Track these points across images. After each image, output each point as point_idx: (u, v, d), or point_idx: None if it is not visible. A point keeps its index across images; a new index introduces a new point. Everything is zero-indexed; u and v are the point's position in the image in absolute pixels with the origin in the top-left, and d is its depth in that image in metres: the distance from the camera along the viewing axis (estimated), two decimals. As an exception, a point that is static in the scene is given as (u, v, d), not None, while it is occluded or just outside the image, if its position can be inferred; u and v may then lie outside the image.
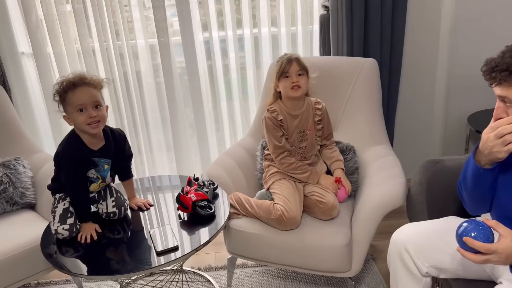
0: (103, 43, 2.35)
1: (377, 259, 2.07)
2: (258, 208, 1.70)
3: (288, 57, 1.77)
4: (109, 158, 1.58)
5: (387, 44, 2.31)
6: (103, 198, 1.62)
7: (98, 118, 1.45)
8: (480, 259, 1.06)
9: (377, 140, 2.00)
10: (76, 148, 1.50)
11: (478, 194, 1.27)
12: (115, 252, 1.43)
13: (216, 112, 2.59)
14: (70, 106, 1.43)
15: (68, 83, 1.43)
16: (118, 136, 1.62)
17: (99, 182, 1.60)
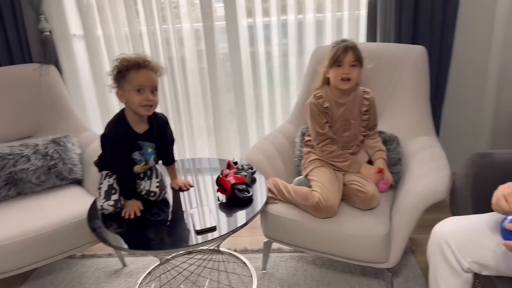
0: (150, 27, 2.41)
1: (416, 252, 2.02)
2: (295, 194, 1.69)
3: (344, 45, 1.69)
4: (153, 142, 1.63)
5: (437, 31, 2.21)
6: (148, 177, 1.67)
7: (152, 102, 1.51)
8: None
9: (422, 131, 1.93)
10: (122, 131, 1.55)
11: None
12: (156, 230, 1.48)
13: (257, 98, 2.60)
14: (130, 84, 1.48)
15: (134, 62, 1.47)
16: (161, 121, 1.66)
17: (142, 164, 1.65)
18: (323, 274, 1.93)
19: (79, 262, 2.16)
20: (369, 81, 2.00)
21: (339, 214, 1.67)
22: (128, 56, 1.49)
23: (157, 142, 1.65)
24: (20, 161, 1.97)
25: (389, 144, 1.88)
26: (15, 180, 1.96)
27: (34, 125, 2.27)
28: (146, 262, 2.11)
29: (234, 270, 1.99)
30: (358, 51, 1.70)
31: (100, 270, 2.08)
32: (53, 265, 2.16)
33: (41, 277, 2.07)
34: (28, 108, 2.24)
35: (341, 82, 1.71)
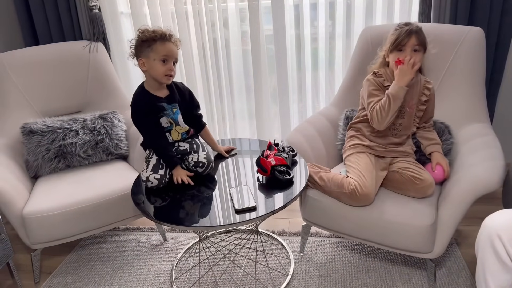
0: (196, 6, 2.40)
1: (461, 244, 1.93)
2: (329, 182, 1.65)
3: (408, 29, 1.61)
4: (176, 103, 1.68)
5: (496, 12, 2.06)
6: (195, 150, 1.70)
7: (173, 72, 1.62)
8: None
9: (476, 118, 1.83)
10: (142, 98, 1.64)
11: None
12: (197, 207, 1.50)
13: (300, 82, 2.55)
14: (156, 53, 1.56)
15: (161, 34, 1.57)
16: (181, 86, 1.74)
17: (175, 127, 1.69)
18: (362, 261, 1.89)
19: (122, 235, 2.24)
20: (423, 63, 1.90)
21: (382, 201, 1.62)
22: (151, 28, 1.59)
23: (182, 106, 1.71)
24: (69, 135, 2.05)
25: (441, 135, 1.79)
26: (64, 153, 2.04)
27: (82, 101, 2.34)
28: (186, 238, 2.16)
29: (272, 251, 1.99)
30: (422, 34, 1.62)
31: (141, 244, 2.15)
32: (97, 236, 2.25)
33: (86, 247, 2.17)
34: (77, 84, 2.32)
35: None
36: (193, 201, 1.53)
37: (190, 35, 2.50)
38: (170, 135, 1.71)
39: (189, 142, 1.74)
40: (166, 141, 1.70)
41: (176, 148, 1.72)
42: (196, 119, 1.81)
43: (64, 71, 2.30)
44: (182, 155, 1.71)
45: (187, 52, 2.52)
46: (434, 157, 1.70)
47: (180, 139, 1.74)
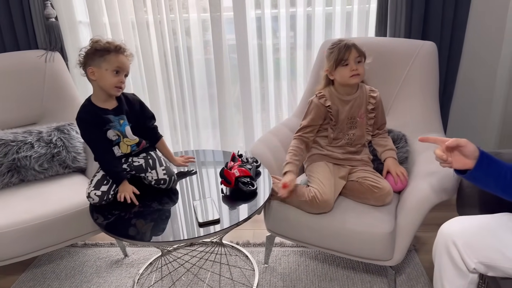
0: (157, 16, 2.38)
1: (420, 250, 2.00)
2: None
3: (345, 44, 1.68)
4: (123, 114, 1.65)
5: (448, 27, 2.18)
6: (151, 167, 1.66)
7: (124, 85, 1.60)
8: None
9: (431, 128, 1.91)
10: (87, 111, 1.60)
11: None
12: (158, 220, 1.47)
13: (263, 91, 2.57)
14: (109, 64, 1.54)
15: (115, 46, 1.56)
16: (131, 98, 1.71)
17: (123, 139, 1.65)
18: (325, 269, 1.92)
19: (80, 251, 2.16)
20: (378, 77, 1.97)
21: (344, 210, 1.65)
22: (105, 39, 1.58)
23: (132, 118, 1.68)
24: (23, 148, 1.96)
25: (398, 143, 1.85)
26: (18, 167, 1.95)
27: (38, 112, 2.25)
28: (147, 253, 2.10)
29: (236, 264, 1.98)
30: (359, 47, 1.70)
31: (101, 260, 2.08)
32: (54, 253, 2.15)
33: (42, 265, 2.07)
34: (33, 94, 2.23)
35: (351, 79, 1.69)
36: (154, 215, 1.50)
37: (151, 44, 2.47)
38: (119, 148, 1.66)
39: (144, 157, 1.70)
40: (112, 155, 1.65)
41: (130, 164, 1.68)
42: (151, 131, 1.78)
43: (18, 81, 2.20)
44: (137, 171, 1.68)
45: (148, 61, 2.49)
46: (386, 165, 1.76)
47: (130, 152, 1.69)
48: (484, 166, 1.21)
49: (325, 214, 1.63)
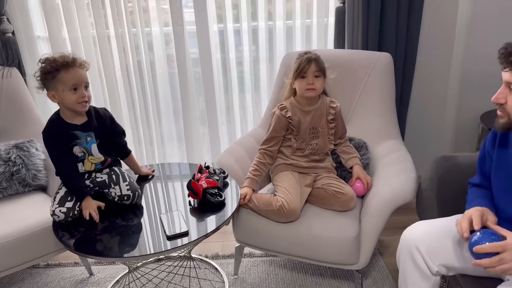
0: (118, 30, 2.36)
1: (384, 253, 2.07)
2: (257, 201, 1.71)
3: (307, 57, 1.75)
4: (91, 131, 1.61)
5: (402, 39, 2.29)
6: (115, 182, 1.63)
7: (87, 98, 1.54)
8: (495, 260, 1.06)
9: (389, 135, 1.99)
10: (55, 125, 1.56)
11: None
12: (124, 236, 1.44)
13: (228, 104, 2.60)
14: (63, 84, 1.48)
15: (62, 62, 1.48)
16: (102, 113, 1.67)
17: (88, 157, 1.62)
18: (294, 277, 1.94)
19: (43, 272, 2.08)
20: (338, 87, 2.04)
21: (310, 217, 1.69)
22: (52, 56, 1.50)
23: (101, 134, 1.65)
24: (-20, 167, 1.88)
25: (359, 150, 1.92)
26: (-26, 187, 1.86)
27: (-5, 130, 2.17)
28: (114, 270, 2.05)
29: (206, 276, 1.97)
30: (320, 62, 1.77)
31: (65, 280, 2.01)
32: (15, 275, 2.06)
33: (2, 289, 1.98)
34: (-11, 112, 2.15)
35: (306, 92, 1.77)
36: (120, 230, 1.48)
37: (113, 59, 2.44)
38: (83, 165, 1.62)
39: (107, 173, 1.66)
40: (75, 171, 1.61)
41: (93, 179, 1.64)
42: (121, 147, 1.76)
43: (-27, 97, 2.11)
44: (100, 187, 1.64)
45: (110, 75, 2.46)
46: (354, 172, 1.82)
47: (93, 170, 1.66)
48: None
49: (292, 222, 1.66)
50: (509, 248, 1.04)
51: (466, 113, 2.52)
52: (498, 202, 1.28)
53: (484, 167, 1.36)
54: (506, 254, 1.04)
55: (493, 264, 1.06)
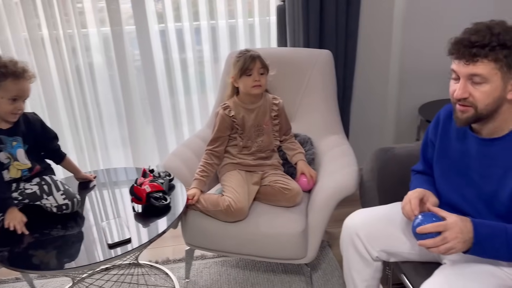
0: (53, 32, 2.25)
1: (333, 245, 2.11)
2: (205, 202, 1.69)
3: (251, 55, 1.76)
4: (18, 136, 1.54)
5: (342, 36, 2.35)
6: (47, 193, 1.54)
7: (21, 111, 1.49)
8: (438, 239, 1.09)
9: (332, 130, 2.04)
10: None
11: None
12: (66, 247, 1.38)
13: (174, 105, 2.55)
14: (5, 92, 1.42)
15: (12, 71, 1.42)
16: (31, 118, 1.61)
17: (13, 162, 1.53)
18: (246, 276, 1.94)
19: (-21, 292, 1.95)
20: (282, 85, 2.06)
21: (258, 214, 1.69)
22: (2, 60, 1.43)
23: (30, 139, 1.57)
24: None
25: (304, 146, 1.95)
26: None
27: None
28: (58, 283, 1.96)
29: (156, 283, 1.92)
30: (263, 59, 1.79)
31: (4, 299, 1.89)
32: None
33: None
34: None
35: (252, 89, 1.77)
36: (61, 241, 1.41)
37: (48, 63, 2.33)
38: (9, 172, 1.53)
39: (38, 183, 1.56)
40: (3, 181, 1.51)
41: (22, 191, 1.54)
42: (54, 152, 1.69)
43: None
44: (31, 200, 1.55)
45: (47, 81, 2.34)
46: (298, 168, 1.84)
47: (20, 178, 1.56)
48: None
49: (240, 221, 1.66)
50: (450, 227, 1.08)
51: (405, 106, 2.63)
52: (440, 187, 1.34)
53: (426, 154, 1.42)
54: (448, 233, 1.08)
55: (436, 243, 1.09)
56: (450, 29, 1.12)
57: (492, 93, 1.09)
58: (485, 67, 1.07)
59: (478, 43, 1.06)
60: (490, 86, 1.08)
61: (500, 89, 1.09)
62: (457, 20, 1.14)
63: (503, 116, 1.13)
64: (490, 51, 1.06)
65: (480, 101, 1.10)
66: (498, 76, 1.07)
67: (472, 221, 1.10)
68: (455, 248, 1.09)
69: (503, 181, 1.15)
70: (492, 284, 1.14)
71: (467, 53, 1.08)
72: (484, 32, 1.07)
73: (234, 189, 1.69)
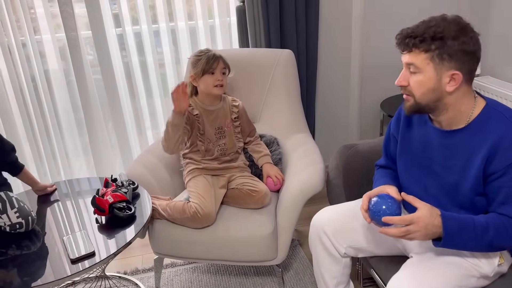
0: (4, 39, 2.15)
1: (303, 244, 2.12)
2: (171, 210, 1.66)
3: (213, 54, 1.74)
4: None
5: (302, 35, 2.36)
6: (1, 211, 1.45)
7: None
8: (400, 231, 1.11)
9: (298, 129, 2.04)
10: None
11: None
12: (26, 264, 1.31)
13: (136, 110, 2.49)
14: None
15: None
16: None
17: None
18: (218, 281, 1.92)
19: None
20: (244, 85, 2.06)
21: (226, 218, 1.67)
22: None
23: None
24: None
25: (270, 146, 1.95)
26: None
27: None
28: (21, 303, 1.87)
29: (125, 294, 1.87)
30: (224, 59, 1.77)
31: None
32: None
33: None
34: None
35: (214, 89, 1.75)
36: (21, 259, 1.34)
37: (1, 72, 2.22)
38: None
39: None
40: None
41: None
42: (11, 165, 1.61)
43: None
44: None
45: None
46: (264, 170, 1.84)
47: None
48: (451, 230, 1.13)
49: (209, 227, 1.64)
50: (416, 221, 1.10)
51: (367, 102, 2.68)
52: (403, 181, 1.36)
53: (389, 149, 1.44)
54: (412, 227, 1.10)
55: (398, 234, 1.11)
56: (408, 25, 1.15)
57: (425, 83, 1.12)
58: (417, 56, 1.11)
59: (412, 34, 1.11)
60: (423, 76, 1.12)
61: (435, 80, 1.12)
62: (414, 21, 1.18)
63: (456, 108, 1.15)
64: (421, 42, 1.10)
65: (415, 90, 1.15)
66: (430, 66, 1.11)
67: (442, 216, 1.11)
68: (416, 239, 1.13)
69: (464, 172, 1.18)
70: (458, 274, 1.17)
71: (402, 42, 1.14)
72: (422, 25, 1.12)
73: (200, 195, 1.66)
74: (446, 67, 1.09)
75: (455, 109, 1.16)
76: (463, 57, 1.08)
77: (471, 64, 1.11)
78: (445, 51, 1.08)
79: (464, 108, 1.16)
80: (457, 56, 1.08)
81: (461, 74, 1.09)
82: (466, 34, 1.08)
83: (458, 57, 1.08)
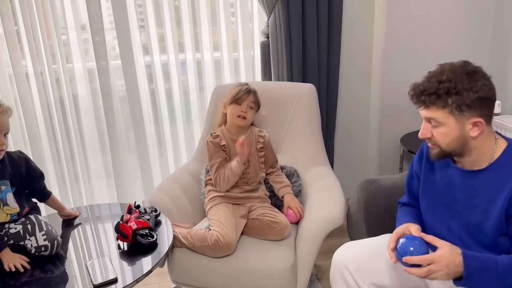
0: (38, 67, 2.25)
1: (322, 279, 2.10)
2: (192, 238, 1.67)
3: (248, 88, 1.85)
4: (6, 179, 1.49)
5: (324, 70, 2.42)
6: (30, 233, 1.49)
7: (5, 146, 1.44)
8: (423, 271, 1.11)
9: (318, 162, 2.06)
10: None
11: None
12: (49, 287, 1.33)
13: (159, 136, 2.55)
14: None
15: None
16: (17, 158, 1.55)
17: (3, 207, 1.48)
18: (234, 312, 1.89)
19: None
20: (268, 118, 2.10)
21: (246, 249, 1.68)
22: None
23: (16, 181, 1.52)
24: None
25: (290, 178, 1.97)
26: None
27: None
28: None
29: (141, 321, 1.86)
30: (257, 95, 1.86)
31: None
32: None
33: None
34: None
35: (237, 119, 1.82)
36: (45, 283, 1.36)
37: (32, 95, 2.31)
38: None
39: (22, 222, 1.51)
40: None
41: (6, 232, 1.49)
42: (40, 190, 1.64)
43: None
44: (15, 240, 1.49)
45: (29, 112, 2.31)
46: (285, 201, 1.85)
47: (9, 221, 1.50)
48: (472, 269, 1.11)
49: (228, 256, 1.64)
50: (437, 261, 1.09)
51: (387, 137, 2.69)
52: (426, 220, 1.36)
53: (412, 187, 1.44)
54: (433, 266, 1.10)
55: (421, 274, 1.11)
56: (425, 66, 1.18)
57: (450, 134, 1.14)
58: (436, 112, 1.13)
59: (427, 92, 1.13)
60: (446, 128, 1.14)
61: (458, 129, 1.13)
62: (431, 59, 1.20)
63: (478, 150, 1.17)
64: (437, 99, 1.12)
65: (441, 141, 1.16)
66: (451, 119, 1.13)
67: (463, 254, 1.11)
68: (439, 278, 1.12)
69: (487, 213, 1.18)
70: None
71: (418, 100, 1.16)
72: (433, 80, 1.13)
73: (222, 223, 1.68)
74: (467, 116, 1.12)
75: (479, 151, 1.17)
76: (481, 104, 1.11)
77: (490, 108, 1.13)
78: (462, 103, 1.10)
79: (486, 149, 1.17)
80: (475, 105, 1.10)
81: (482, 119, 1.12)
82: (478, 80, 1.10)
83: (476, 105, 1.10)
